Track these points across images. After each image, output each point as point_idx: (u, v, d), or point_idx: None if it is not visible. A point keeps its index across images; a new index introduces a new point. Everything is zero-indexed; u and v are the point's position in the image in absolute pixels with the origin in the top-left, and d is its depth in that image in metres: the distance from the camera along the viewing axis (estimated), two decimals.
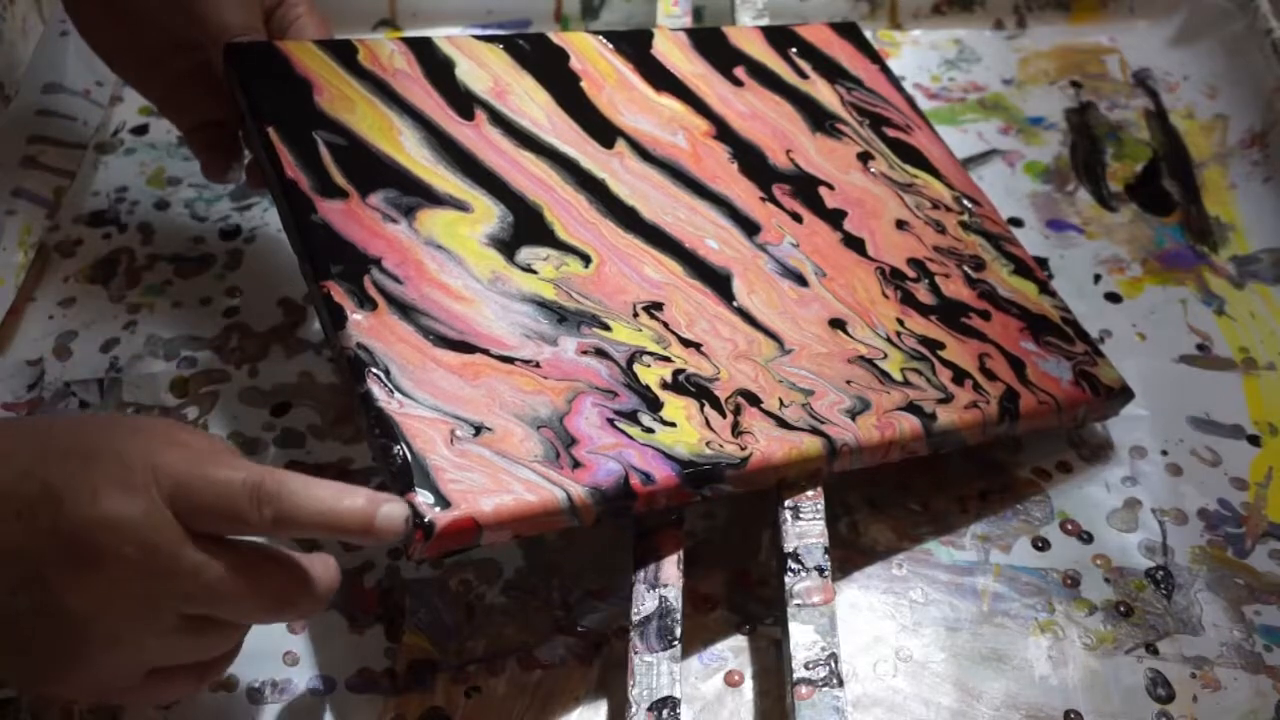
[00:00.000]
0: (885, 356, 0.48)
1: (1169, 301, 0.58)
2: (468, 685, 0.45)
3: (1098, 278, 0.59)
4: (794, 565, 0.44)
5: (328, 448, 0.51)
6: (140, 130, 0.65)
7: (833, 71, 0.59)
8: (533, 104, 0.52)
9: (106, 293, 0.57)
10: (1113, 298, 0.58)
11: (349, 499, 0.38)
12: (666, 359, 0.46)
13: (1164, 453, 0.52)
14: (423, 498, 0.39)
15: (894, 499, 0.50)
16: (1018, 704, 0.45)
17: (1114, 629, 0.47)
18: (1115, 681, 0.45)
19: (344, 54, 0.51)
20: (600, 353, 0.45)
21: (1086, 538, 0.49)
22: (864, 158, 0.56)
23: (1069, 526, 0.50)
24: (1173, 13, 0.71)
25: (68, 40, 0.65)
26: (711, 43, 0.58)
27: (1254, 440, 0.53)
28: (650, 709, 0.40)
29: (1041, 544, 0.49)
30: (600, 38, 0.56)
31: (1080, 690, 0.45)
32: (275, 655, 0.45)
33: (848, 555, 0.49)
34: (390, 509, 0.38)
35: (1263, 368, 0.55)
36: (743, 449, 0.44)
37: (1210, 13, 0.69)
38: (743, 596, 0.47)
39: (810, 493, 0.46)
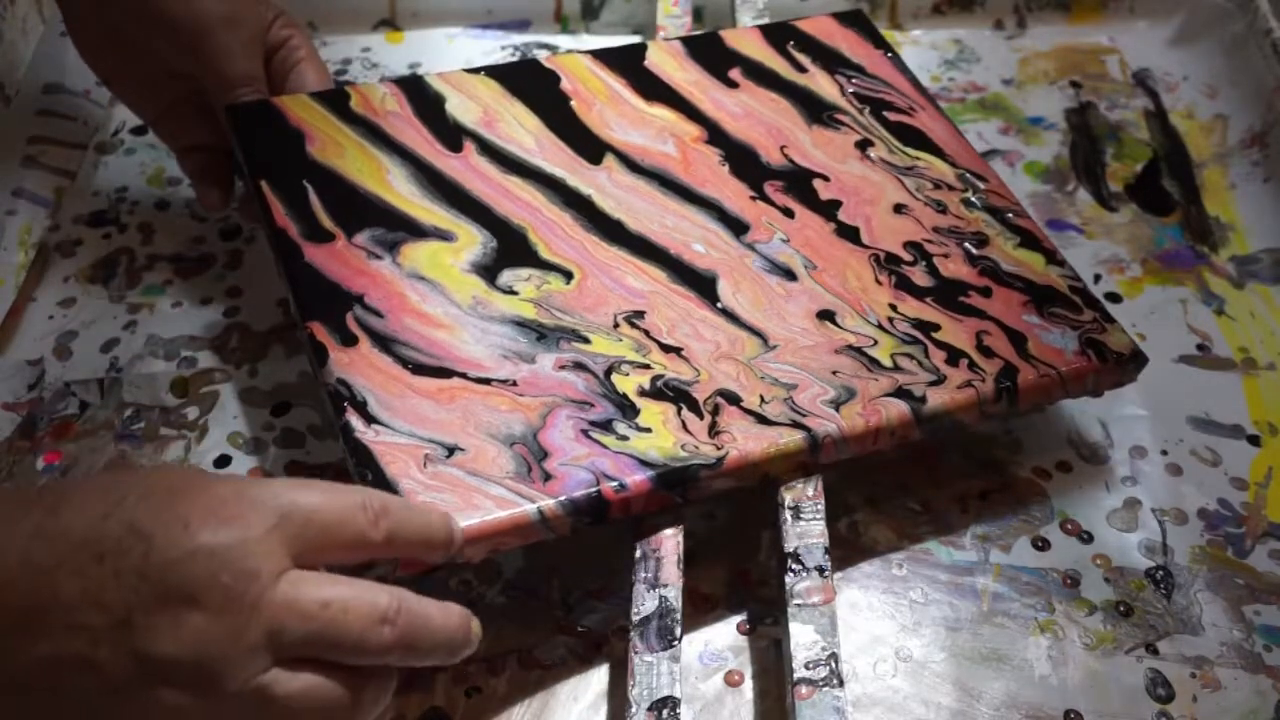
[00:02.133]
0: (875, 344, 0.48)
1: (1169, 301, 0.58)
2: (468, 685, 0.45)
3: (1098, 278, 0.59)
4: (794, 565, 0.44)
5: (327, 448, 0.51)
6: (140, 130, 0.65)
7: (833, 62, 0.59)
8: (522, 129, 0.54)
9: (106, 293, 0.57)
10: (1113, 298, 0.58)
11: (435, 514, 0.39)
12: (646, 366, 0.46)
13: (1164, 453, 0.52)
14: None
15: (894, 499, 0.50)
16: (1018, 704, 0.45)
17: (1114, 629, 0.47)
18: (1115, 681, 0.45)
19: (337, 102, 0.53)
20: (578, 366, 0.46)
21: (1086, 538, 0.49)
22: (863, 145, 0.56)
23: (1069, 526, 0.50)
24: (1173, 13, 0.71)
25: (68, 40, 0.65)
26: (707, 48, 0.59)
27: (1254, 440, 0.53)
28: (650, 709, 0.40)
29: (1041, 544, 0.49)
30: (592, 57, 0.57)
31: (1080, 690, 0.45)
32: None
33: (848, 555, 0.49)
34: (456, 521, 0.40)
35: (1263, 368, 0.55)
36: (719, 449, 0.44)
37: (1210, 13, 0.69)
38: (743, 596, 0.47)
39: (810, 492, 0.46)
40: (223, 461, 0.51)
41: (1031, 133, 0.66)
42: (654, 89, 0.56)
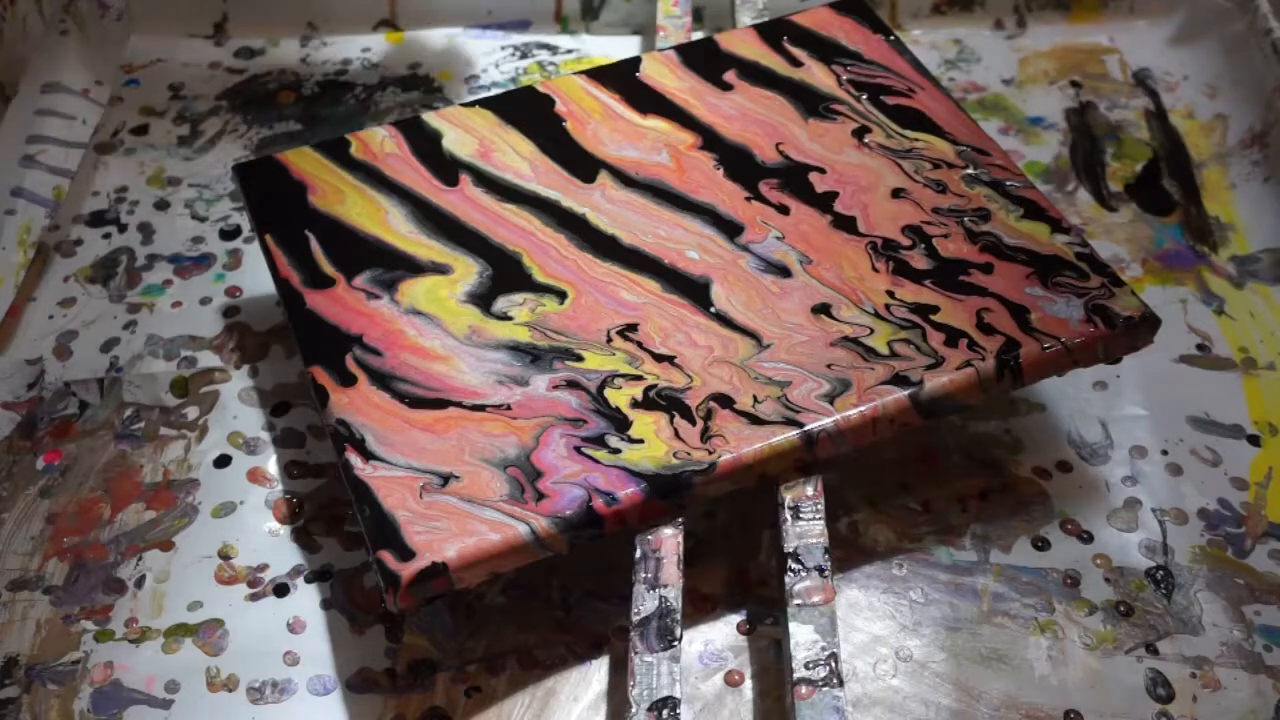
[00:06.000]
0: (872, 332, 0.48)
1: (1169, 301, 0.58)
2: (468, 685, 0.45)
3: None
4: (794, 565, 0.44)
5: (327, 448, 0.51)
6: (140, 130, 0.65)
7: (829, 52, 0.59)
8: (517, 156, 0.54)
9: (106, 293, 0.57)
10: None
11: None
12: (639, 378, 0.46)
13: (1164, 452, 0.52)
14: (389, 554, 0.41)
15: (894, 499, 0.50)
16: (1018, 704, 0.45)
17: (1114, 629, 0.47)
18: (1115, 681, 0.45)
19: (338, 151, 0.54)
20: (572, 384, 0.46)
21: (1086, 538, 0.50)
22: (860, 133, 0.56)
23: (1069, 526, 0.50)
24: (1173, 13, 0.71)
25: (68, 40, 0.65)
26: (702, 54, 0.59)
27: (1254, 440, 0.53)
28: (650, 709, 0.40)
29: (1041, 544, 0.49)
30: (587, 77, 0.57)
31: (1080, 690, 0.45)
32: (275, 655, 0.46)
33: (848, 555, 0.49)
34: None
35: (1263, 368, 0.55)
36: (710, 453, 0.44)
37: (1210, 13, 0.69)
38: (743, 596, 0.48)
39: (810, 492, 0.46)
40: (223, 461, 0.51)
41: (1031, 133, 0.66)
42: (648, 101, 0.57)
